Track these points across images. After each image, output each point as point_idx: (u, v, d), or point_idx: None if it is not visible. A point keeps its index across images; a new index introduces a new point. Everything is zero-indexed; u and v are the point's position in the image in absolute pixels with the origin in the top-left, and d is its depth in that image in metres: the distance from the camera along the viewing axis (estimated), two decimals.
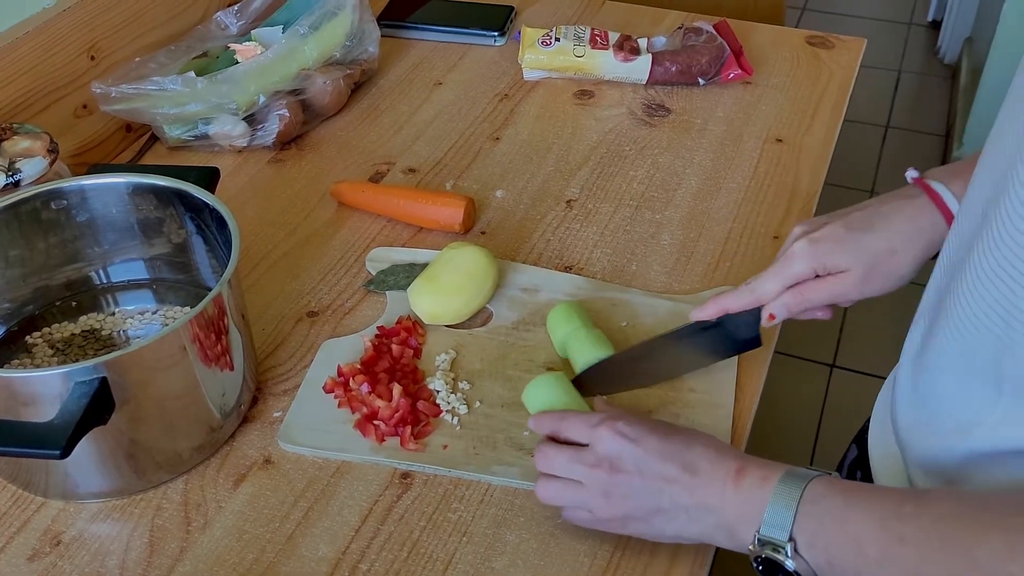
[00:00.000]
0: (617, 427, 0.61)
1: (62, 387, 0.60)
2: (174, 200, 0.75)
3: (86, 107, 1.00)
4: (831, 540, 0.53)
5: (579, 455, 0.62)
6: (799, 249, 0.68)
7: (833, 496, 0.54)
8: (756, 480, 0.57)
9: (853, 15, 3.15)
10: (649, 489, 0.59)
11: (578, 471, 0.62)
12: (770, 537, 0.54)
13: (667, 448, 0.60)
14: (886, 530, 0.51)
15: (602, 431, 0.61)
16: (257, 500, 0.69)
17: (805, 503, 0.54)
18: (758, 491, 0.56)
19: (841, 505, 0.53)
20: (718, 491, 0.57)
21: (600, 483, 0.61)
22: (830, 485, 0.55)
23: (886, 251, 0.66)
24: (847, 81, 1.13)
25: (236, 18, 1.10)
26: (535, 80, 1.14)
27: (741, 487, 0.57)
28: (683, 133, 1.05)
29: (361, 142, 1.05)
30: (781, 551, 0.54)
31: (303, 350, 0.81)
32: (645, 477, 0.59)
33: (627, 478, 0.60)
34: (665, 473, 0.59)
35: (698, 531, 0.59)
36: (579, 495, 0.62)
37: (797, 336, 1.74)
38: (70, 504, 0.69)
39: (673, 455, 0.59)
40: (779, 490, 0.55)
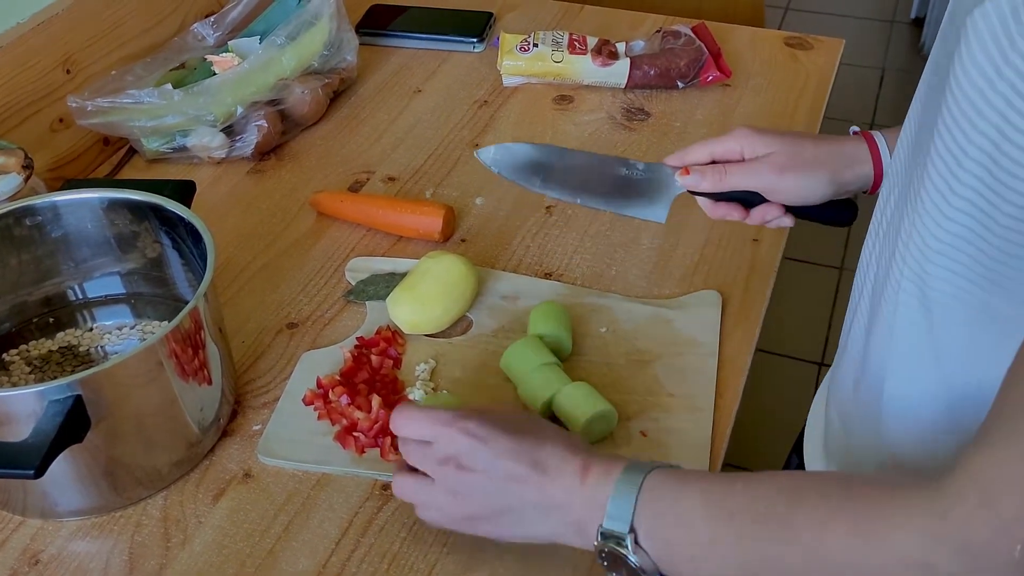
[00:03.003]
0: (466, 427, 0.59)
1: (36, 405, 0.60)
2: (149, 214, 0.75)
3: (62, 121, 0.99)
4: (667, 526, 0.53)
5: (431, 450, 0.60)
6: (737, 128, 0.74)
7: (669, 483, 0.54)
8: (600, 474, 0.56)
9: (836, 13, 3.16)
10: (497, 488, 0.58)
11: (429, 466, 0.60)
12: (612, 530, 0.54)
13: (516, 447, 0.58)
14: (715, 508, 0.52)
15: (449, 430, 0.60)
16: (237, 514, 0.69)
17: (644, 492, 0.54)
18: (602, 486, 0.55)
19: (676, 490, 0.54)
20: (566, 488, 0.57)
21: (447, 481, 0.60)
22: (668, 474, 0.55)
23: (812, 156, 0.72)
24: (825, 82, 1.13)
25: (213, 29, 1.10)
26: (514, 86, 1.14)
27: (587, 483, 0.56)
28: (663, 137, 1.05)
29: (340, 151, 1.05)
30: (623, 544, 0.53)
31: (283, 362, 0.81)
32: (492, 477, 0.58)
33: (474, 477, 0.59)
34: (513, 472, 0.58)
35: (549, 530, 0.58)
36: (429, 493, 0.61)
37: (787, 334, 1.75)
38: (49, 522, 0.69)
39: (522, 453, 0.58)
40: (620, 482, 0.55)
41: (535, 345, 0.76)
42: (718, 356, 0.78)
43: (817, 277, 2.02)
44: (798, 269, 1.88)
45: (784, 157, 0.72)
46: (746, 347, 0.80)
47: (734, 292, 0.85)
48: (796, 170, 0.71)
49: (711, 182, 0.73)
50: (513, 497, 0.58)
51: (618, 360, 0.78)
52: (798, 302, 1.65)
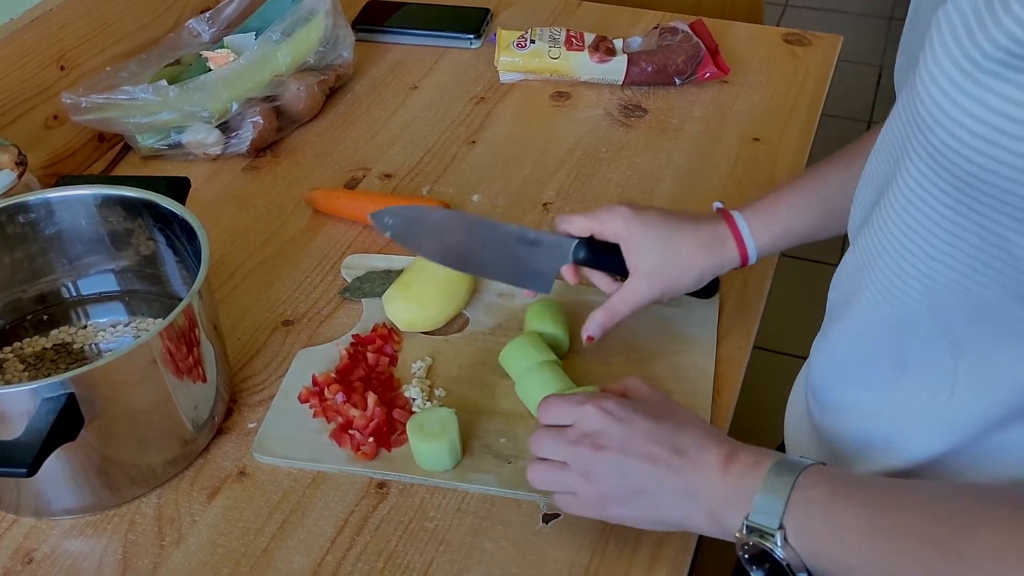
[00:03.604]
0: (604, 405, 0.60)
1: (29, 403, 0.60)
2: (143, 211, 0.74)
3: (57, 118, 0.99)
4: (818, 529, 0.52)
5: (564, 433, 0.61)
6: (617, 207, 0.74)
7: (823, 484, 0.53)
8: (747, 466, 0.55)
9: (834, 10, 3.15)
10: (633, 469, 0.58)
11: (561, 450, 0.60)
12: (759, 524, 0.53)
13: (655, 429, 0.58)
14: (871, 520, 0.51)
15: (588, 408, 0.60)
16: (231, 513, 0.68)
17: (797, 490, 0.53)
18: (748, 477, 0.55)
19: (829, 493, 0.52)
20: (707, 475, 0.56)
21: (582, 461, 0.59)
22: (822, 473, 0.54)
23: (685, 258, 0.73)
24: (823, 78, 1.13)
25: (208, 25, 1.09)
26: (511, 82, 1.13)
27: (730, 472, 0.56)
28: (660, 133, 1.05)
29: (336, 148, 1.04)
30: (770, 539, 0.53)
31: (278, 360, 0.80)
32: (629, 456, 0.58)
33: (610, 456, 0.58)
34: (651, 453, 0.57)
35: (681, 515, 0.58)
36: (563, 476, 0.60)
37: (783, 331, 1.74)
38: (42, 521, 0.69)
39: (661, 437, 0.58)
40: (771, 477, 0.54)
41: (534, 342, 0.75)
42: (716, 354, 0.78)
43: (813, 274, 2.01)
44: (795, 266, 1.88)
45: (658, 264, 0.73)
46: (744, 345, 0.80)
47: (732, 291, 0.84)
48: (670, 278, 0.73)
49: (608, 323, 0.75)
50: (649, 479, 0.57)
51: (615, 358, 0.78)
52: (795, 299, 1.64)
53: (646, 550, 0.65)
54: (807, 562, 0.52)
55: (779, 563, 0.53)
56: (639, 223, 0.73)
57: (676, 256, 0.73)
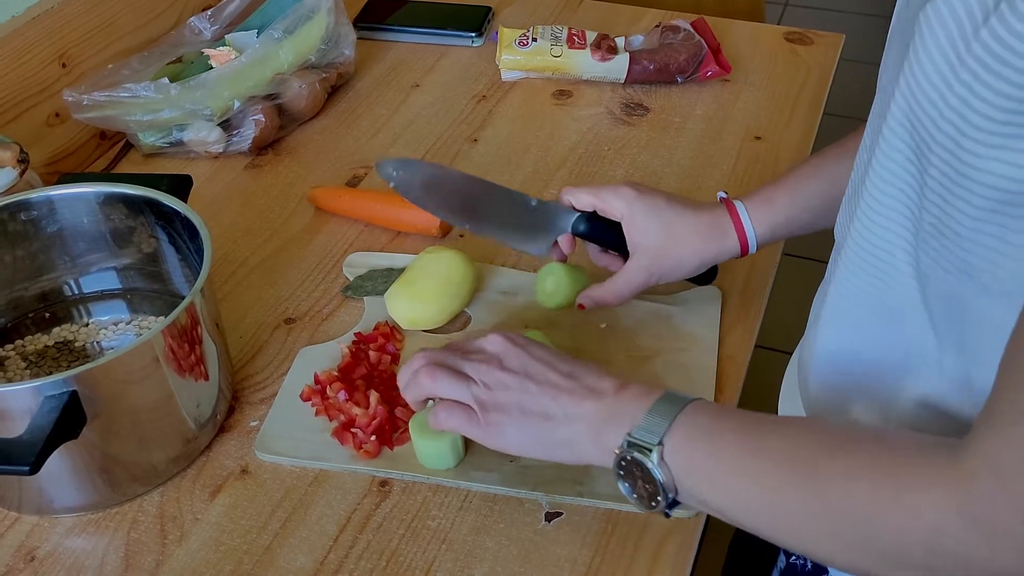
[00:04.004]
0: (511, 336, 0.63)
1: (31, 401, 0.60)
2: (145, 209, 0.74)
3: (58, 115, 0.99)
4: (695, 449, 0.54)
5: (468, 353, 0.64)
6: (623, 186, 0.74)
7: (708, 412, 0.56)
8: (638, 392, 0.58)
9: (834, 9, 3.15)
10: (528, 386, 0.60)
11: (466, 365, 0.62)
12: (639, 439, 0.55)
13: (554, 358, 0.62)
14: (745, 442, 0.54)
15: (495, 336, 0.63)
16: (234, 511, 0.68)
17: (682, 415, 0.55)
18: (638, 401, 0.57)
19: (712, 419, 0.55)
20: (599, 399, 0.59)
21: (486, 379, 0.61)
22: (710, 405, 0.57)
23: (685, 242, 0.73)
24: (825, 77, 1.13)
25: (210, 23, 1.09)
26: (513, 81, 1.13)
27: (622, 396, 0.58)
28: (662, 132, 1.05)
29: (338, 146, 1.04)
30: (647, 453, 0.55)
31: (280, 358, 0.80)
32: (532, 379, 0.61)
33: (513, 377, 0.61)
34: (550, 378, 0.61)
35: (569, 434, 0.59)
36: (462, 387, 0.62)
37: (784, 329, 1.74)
38: (44, 519, 0.69)
39: (559, 365, 0.61)
40: (660, 402, 0.57)
41: (538, 340, 0.75)
42: (718, 352, 0.78)
43: (815, 273, 2.02)
44: (796, 264, 1.88)
45: (659, 247, 0.74)
46: (746, 344, 0.80)
47: (734, 288, 0.84)
48: (671, 261, 0.74)
49: (604, 298, 0.75)
50: (545, 398, 0.60)
51: (618, 356, 0.78)
52: (796, 297, 1.64)
53: (648, 548, 0.65)
54: (678, 481, 0.55)
55: (652, 479, 0.55)
56: (642, 204, 0.73)
57: (677, 240, 0.74)
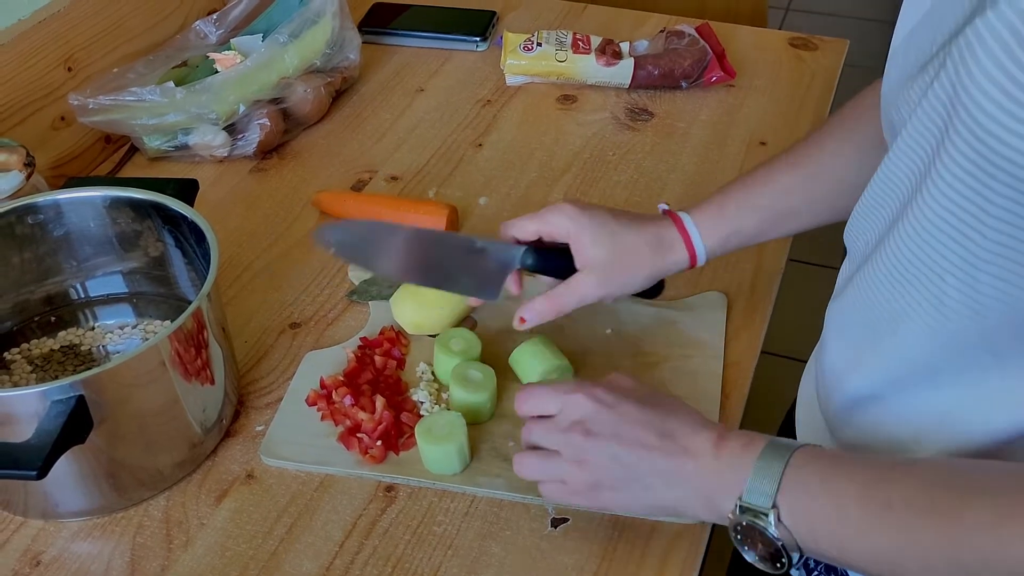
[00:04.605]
0: (593, 392, 0.60)
1: (39, 406, 0.60)
2: (151, 213, 0.74)
3: (64, 119, 0.99)
4: (814, 507, 0.52)
5: (554, 421, 0.61)
6: (562, 204, 0.72)
7: (818, 462, 0.53)
8: (738, 448, 0.56)
9: (836, 14, 3.16)
10: (625, 454, 0.58)
11: (553, 438, 0.60)
12: (752, 504, 0.53)
13: (645, 415, 0.59)
14: (871, 495, 0.51)
15: (576, 396, 0.60)
16: (240, 516, 0.68)
17: (790, 469, 0.53)
18: (740, 459, 0.55)
19: (826, 471, 0.53)
20: (698, 459, 0.57)
21: (574, 447, 0.59)
22: (815, 453, 0.54)
23: (631, 255, 0.71)
24: (830, 83, 1.13)
25: (215, 27, 1.09)
26: (517, 85, 1.13)
27: (721, 455, 0.56)
28: (667, 137, 1.05)
29: (343, 150, 1.04)
30: (763, 518, 0.53)
31: (286, 362, 0.80)
32: (622, 442, 0.58)
33: (602, 442, 0.58)
34: (642, 439, 0.58)
35: (674, 500, 0.58)
36: (553, 464, 0.60)
37: (790, 335, 1.74)
38: (50, 523, 0.69)
39: (651, 422, 0.58)
40: (763, 458, 0.54)
41: (546, 345, 0.75)
42: (724, 358, 0.78)
43: (820, 279, 2.02)
44: (801, 270, 1.88)
45: (608, 261, 0.71)
46: (752, 349, 0.80)
47: (740, 294, 0.84)
48: (620, 277, 0.72)
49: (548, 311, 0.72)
50: (641, 464, 0.58)
51: (623, 362, 0.78)
52: (801, 303, 1.64)
53: (655, 554, 0.64)
54: (801, 541, 0.53)
55: (772, 543, 0.53)
56: (587, 219, 0.71)
57: (625, 255, 0.72)
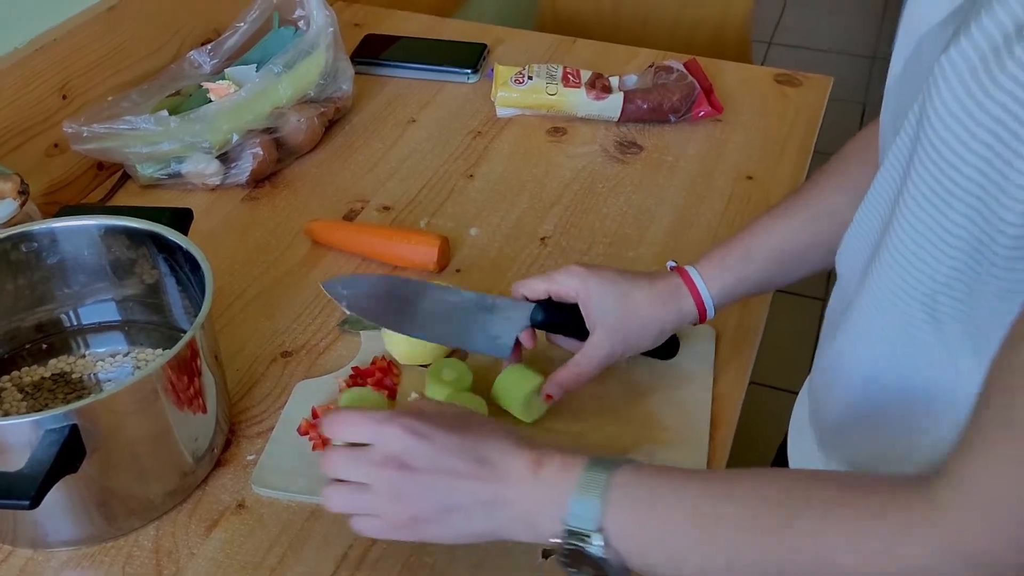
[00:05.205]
0: (405, 423, 0.57)
1: (31, 435, 0.60)
2: (146, 241, 0.75)
3: (57, 146, 0.99)
4: (643, 526, 0.53)
5: (366, 454, 0.58)
6: (571, 266, 0.74)
7: (642, 480, 0.54)
8: (556, 469, 0.55)
9: (818, 49, 3.21)
10: (441, 486, 0.57)
11: (364, 472, 0.58)
12: (577, 527, 0.53)
13: (459, 443, 0.57)
14: (701, 511, 0.52)
15: (392, 428, 0.57)
16: (230, 546, 0.68)
17: (613, 490, 0.53)
18: (560, 481, 0.55)
19: (652, 488, 0.53)
20: (515, 483, 0.56)
21: (389, 483, 0.57)
22: (638, 470, 0.54)
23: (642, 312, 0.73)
24: (815, 119, 1.15)
25: (209, 57, 1.10)
26: (508, 117, 1.15)
27: (540, 477, 0.55)
28: (655, 170, 1.06)
29: (335, 180, 1.05)
30: (588, 540, 0.53)
31: (277, 391, 0.80)
32: (436, 474, 0.57)
33: (418, 476, 0.57)
34: (457, 468, 0.56)
35: (495, 526, 0.57)
36: (367, 498, 0.58)
37: (778, 366, 1.76)
38: (39, 553, 0.68)
39: (465, 450, 0.57)
40: (584, 478, 0.54)
41: (521, 372, 0.76)
42: (713, 390, 0.79)
43: (807, 310, 2.03)
44: (788, 302, 1.90)
45: (618, 318, 0.73)
46: (740, 381, 0.81)
47: (728, 326, 0.85)
48: (632, 334, 0.73)
49: (570, 382, 0.74)
50: (459, 495, 0.57)
51: (614, 393, 0.79)
52: (789, 335, 1.66)
53: None
54: (629, 560, 0.53)
55: (598, 564, 0.53)
56: (595, 279, 0.73)
57: (635, 310, 0.73)
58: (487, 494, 0.57)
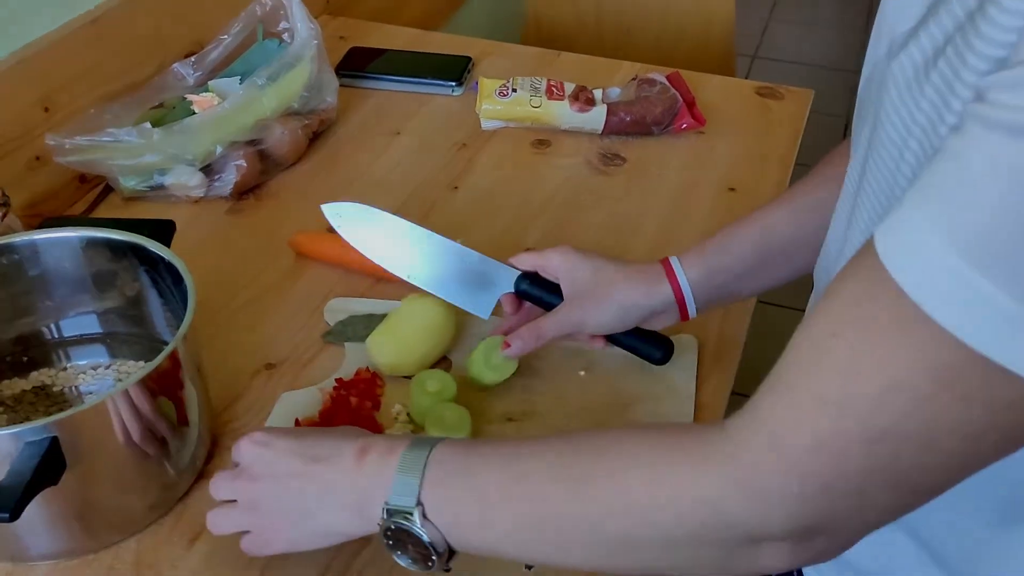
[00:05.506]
0: (252, 436, 0.61)
1: (11, 447, 0.59)
2: (128, 253, 0.75)
3: (39, 159, 0.99)
4: (455, 495, 0.54)
5: (229, 473, 0.61)
6: (562, 245, 0.77)
7: (456, 453, 0.55)
8: (381, 452, 0.56)
9: (800, 62, 3.24)
10: (283, 489, 0.58)
11: (228, 488, 0.61)
12: (398, 505, 0.54)
13: (295, 445, 0.59)
14: (507, 471, 0.53)
15: (241, 443, 0.61)
16: (212, 559, 0.68)
17: (431, 465, 0.54)
18: (382, 465, 0.56)
19: (463, 459, 0.54)
20: (342, 471, 0.57)
21: (245, 496, 0.60)
22: (454, 445, 0.56)
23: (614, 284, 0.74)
24: (796, 131, 1.16)
25: (193, 70, 1.10)
26: (493, 129, 1.15)
27: (365, 464, 0.57)
28: (639, 182, 1.07)
29: (319, 192, 1.05)
30: (408, 517, 0.53)
31: (261, 403, 0.80)
32: (276, 477, 0.59)
33: (262, 483, 0.59)
34: (293, 469, 0.58)
35: (331, 519, 0.58)
36: (235, 515, 0.60)
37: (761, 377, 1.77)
38: (19, 566, 0.68)
39: (298, 450, 0.59)
40: (404, 459, 0.55)
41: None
42: (695, 400, 0.79)
43: (789, 321, 2.05)
44: (771, 313, 1.91)
45: (589, 290, 0.75)
46: (722, 391, 0.81)
47: (710, 337, 0.86)
48: (599, 303, 0.74)
49: (530, 343, 0.75)
50: (297, 495, 0.58)
51: (597, 403, 0.79)
52: (771, 346, 1.67)
53: None
54: (447, 533, 0.53)
55: (421, 541, 0.53)
56: (578, 256, 0.76)
57: (605, 284, 0.75)
58: (318, 487, 0.58)
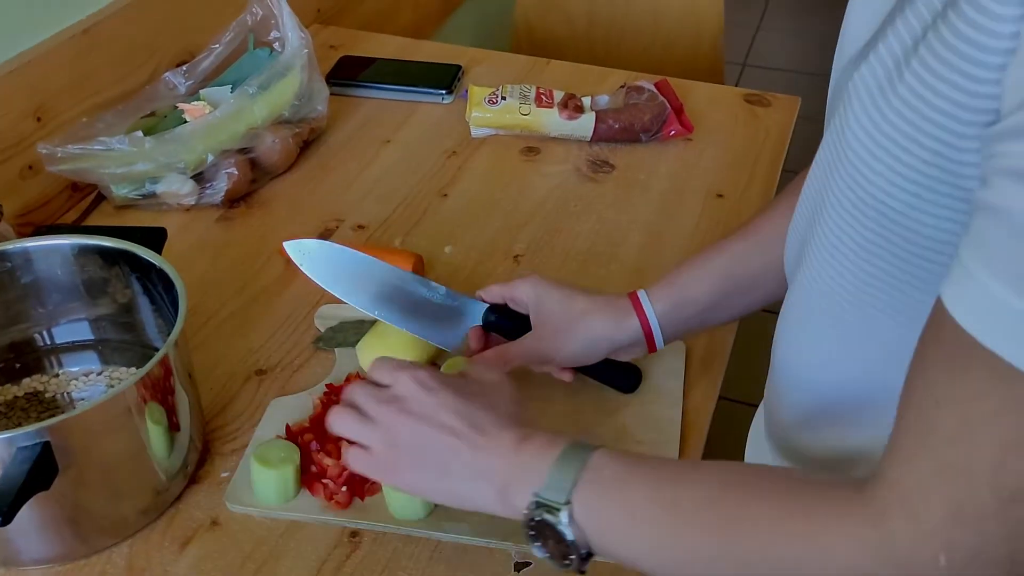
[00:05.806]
0: (418, 375, 0.61)
1: (3, 452, 0.60)
2: (120, 261, 0.75)
3: (32, 168, 0.99)
4: (606, 504, 0.54)
5: (377, 391, 0.62)
6: (531, 276, 0.78)
7: (614, 463, 0.55)
8: (540, 446, 0.57)
9: (789, 70, 3.26)
10: (431, 439, 0.59)
11: (371, 406, 0.61)
12: (547, 499, 0.54)
13: (460, 404, 0.60)
14: (660, 494, 0.53)
15: (402, 374, 0.62)
16: (204, 563, 0.68)
17: (588, 470, 0.54)
18: (540, 457, 0.56)
19: (620, 471, 0.54)
20: (500, 453, 0.58)
21: (386, 422, 0.60)
22: (613, 455, 0.56)
23: (582, 316, 0.75)
24: (783, 138, 1.17)
25: (184, 79, 1.11)
26: (482, 137, 1.16)
27: (523, 452, 0.57)
28: (627, 189, 1.08)
29: (310, 199, 1.06)
30: (556, 513, 0.54)
31: (251, 408, 0.81)
32: (431, 425, 0.59)
33: (412, 422, 0.60)
34: (451, 426, 0.59)
35: (471, 490, 0.59)
36: (364, 429, 0.61)
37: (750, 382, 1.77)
38: (10, 571, 0.68)
39: (464, 412, 0.59)
40: (563, 457, 0.55)
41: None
42: (683, 405, 0.80)
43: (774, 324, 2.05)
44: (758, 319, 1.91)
45: (556, 322, 0.75)
46: (710, 396, 0.82)
47: (698, 342, 0.87)
48: (566, 334, 0.75)
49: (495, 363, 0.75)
50: (444, 451, 0.59)
51: (586, 407, 0.80)
52: (758, 352, 1.68)
53: None
54: (591, 539, 0.54)
55: (562, 539, 0.54)
56: (546, 286, 0.76)
57: (572, 316, 0.75)
58: (471, 457, 0.58)
